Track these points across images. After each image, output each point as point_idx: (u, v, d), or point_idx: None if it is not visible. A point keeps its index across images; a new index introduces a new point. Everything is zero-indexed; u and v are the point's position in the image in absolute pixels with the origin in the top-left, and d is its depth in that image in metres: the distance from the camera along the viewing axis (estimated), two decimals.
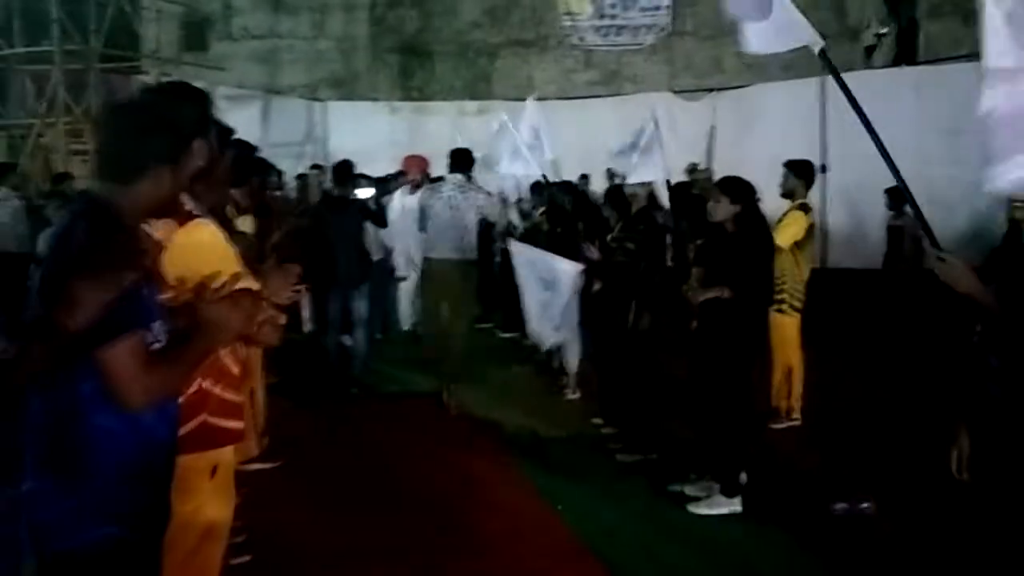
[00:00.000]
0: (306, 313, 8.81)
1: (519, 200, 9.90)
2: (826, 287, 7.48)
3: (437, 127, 13.99)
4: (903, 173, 3.12)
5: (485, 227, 8.48)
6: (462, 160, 7.52)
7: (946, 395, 2.98)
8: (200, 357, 2.16)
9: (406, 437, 6.39)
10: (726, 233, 4.91)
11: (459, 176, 7.42)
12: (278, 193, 8.62)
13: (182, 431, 2.37)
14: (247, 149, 5.42)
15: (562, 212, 7.89)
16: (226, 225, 3.55)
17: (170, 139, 2.13)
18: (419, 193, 8.46)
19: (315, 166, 11.61)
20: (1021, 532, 2.46)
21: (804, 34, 3.39)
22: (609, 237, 6.23)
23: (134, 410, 1.95)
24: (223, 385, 2.60)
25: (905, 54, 13.70)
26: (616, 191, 6.73)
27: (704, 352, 4.98)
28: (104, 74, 13.32)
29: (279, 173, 8.90)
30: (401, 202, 9.20)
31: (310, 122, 14.92)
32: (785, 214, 6.18)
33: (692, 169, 11.66)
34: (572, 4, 15.06)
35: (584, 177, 11.13)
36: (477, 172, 8.06)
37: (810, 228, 6.28)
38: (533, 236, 8.32)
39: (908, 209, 6.20)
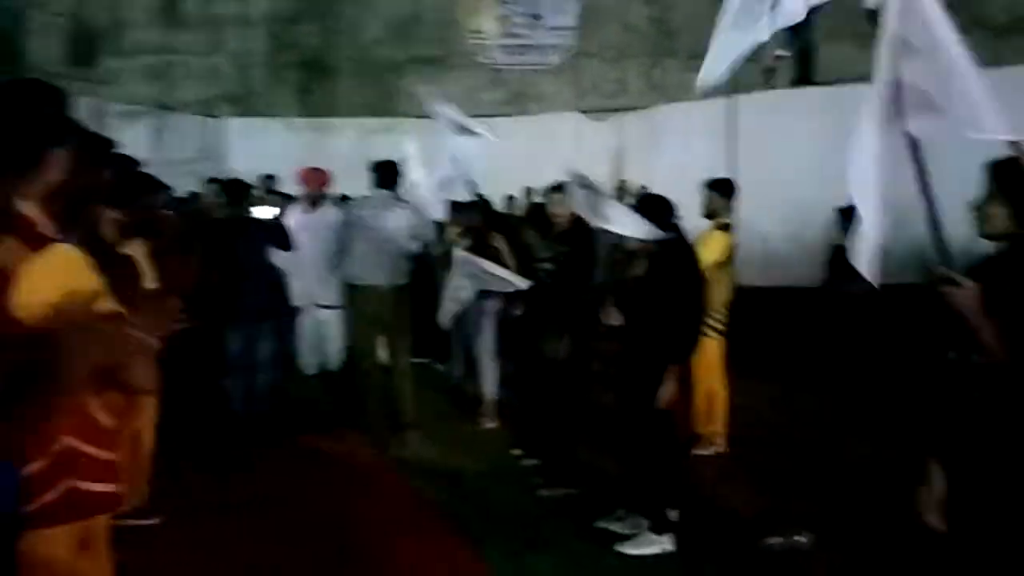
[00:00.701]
0: None
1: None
2: (739, 306, 7.36)
3: (339, 145, 13.66)
4: (805, 191, 3.06)
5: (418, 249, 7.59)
6: (388, 174, 6.76)
7: (914, 426, 2.78)
8: (44, 402, 1.80)
9: (314, 485, 5.84)
10: (649, 254, 4.71)
11: (385, 193, 6.69)
12: (169, 213, 7.46)
13: (42, 501, 2.01)
14: (129, 164, 5.00)
15: (478, 232, 7.56)
16: (103, 250, 3.17)
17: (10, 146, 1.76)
18: (321, 210, 8.07)
19: (212, 180, 10.51)
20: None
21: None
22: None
23: None
24: (94, 442, 2.17)
25: (803, 76, 13.95)
26: (537, 210, 6.51)
27: (627, 379, 4.77)
28: None
29: (168, 190, 8.30)
30: (297, 220, 7.95)
31: (205, 139, 14.38)
32: (704, 234, 6.06)
33: (621, 186, 11.30)
34: (478, 22, 14.89)
35: (510, 198, 10.84)
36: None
37: (732, 249, 6.18)
38: (446, 257, 7.90)
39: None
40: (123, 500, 2.34)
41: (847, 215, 8.26)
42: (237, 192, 7.12)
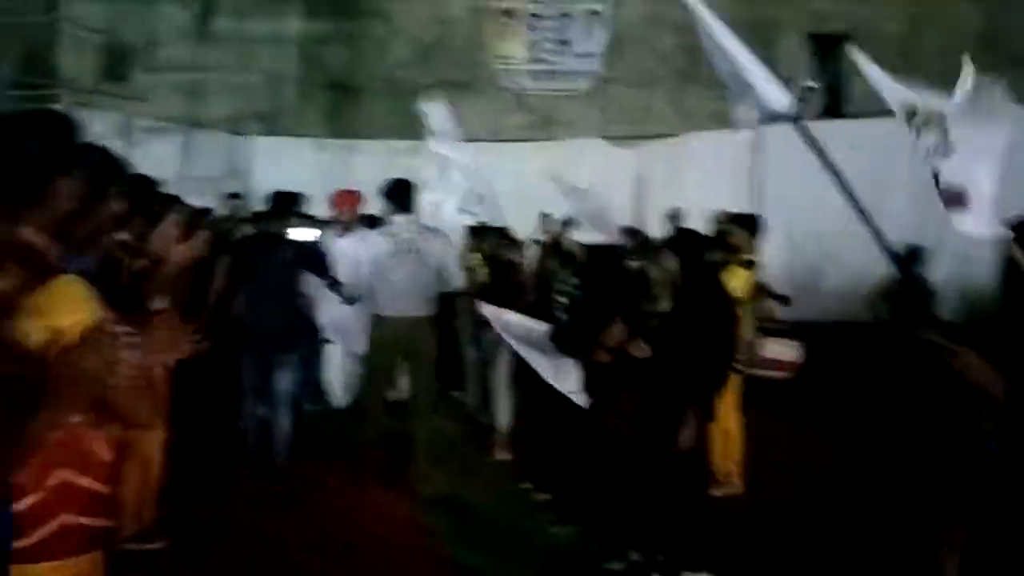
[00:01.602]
0: None
1: None
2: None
3: (366, 166, 13.69)
4: (833, 225, 2.98)
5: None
6: (406, 196, 6.23)
7: (940, 488, 2.71)
8: (39, 434, 1.78)
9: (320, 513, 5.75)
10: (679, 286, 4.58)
11: (411, 217, 6.23)
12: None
13: (35, 536, 1.99)
14: (146, 184, 4.95)
15: (505, 264, 7.34)
16: (115, 273, 3.17)
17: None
18: (355, 236, 7.34)
19: (233, 195, 10.18)
20: None
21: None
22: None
23: None
24: (91, 475, 2.13)
25: (833, 107, 13.88)
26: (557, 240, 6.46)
27: (649, 416, 4.65)
28: (15, 101, 12.72)
29: (187, 207, 8.18)
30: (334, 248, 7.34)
31: (233, 157, 14.49)
32: (727, 270, 5.97)
33: (674, 214, 10.23)
34: (505, 47, 14.93)
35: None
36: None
37: (755, 286, 6.07)
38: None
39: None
40: (119, 534, 2.31)
41: (905, 258, 8.11)
42: (284, 205, 6.65)
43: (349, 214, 7.98)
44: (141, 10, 15.91)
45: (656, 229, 9.36)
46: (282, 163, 13.80)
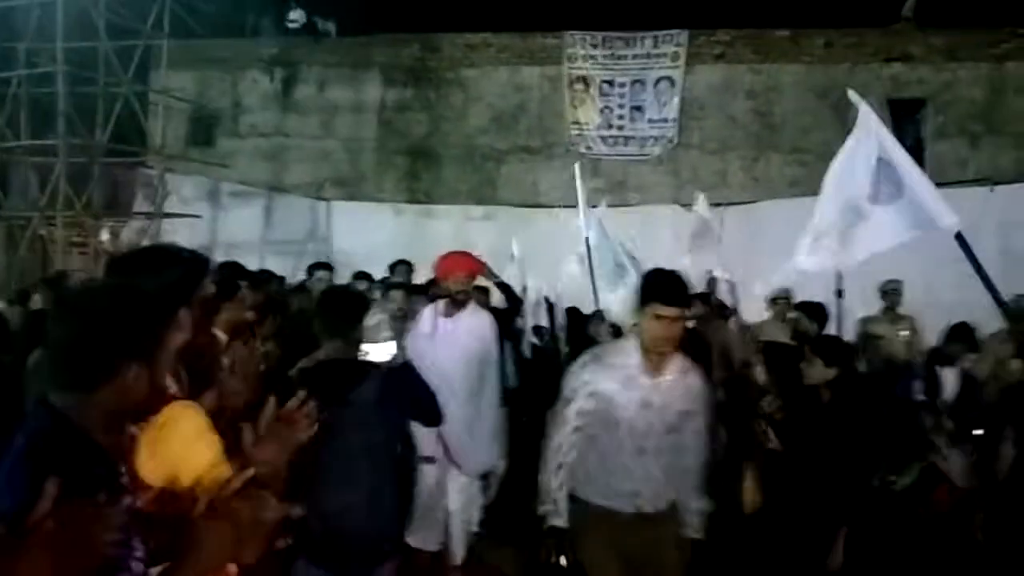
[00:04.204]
0: None
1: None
2: None
3: (441, 230, 13.90)
4: (912, 300, 3.00)
5: None
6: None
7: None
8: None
9: None
10: (818, 400, 4.29)
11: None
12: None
13: None
14: (235, 271, 4.92)
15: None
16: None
17: (139, 328, 1.77)
18: (468, 315, 5.19)
19: (320, 265, 8.19)
20: None
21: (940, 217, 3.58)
22: None
23: None
24: None
25: None
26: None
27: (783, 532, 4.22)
28: (108, 167, 13.28)
29: (280, 280, 7.99)
30: (439, 327, 5.15)
31: (314, 221, 14.85)
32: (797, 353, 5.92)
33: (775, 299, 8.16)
34: (580, 114, 15.14)
35: None
36: None
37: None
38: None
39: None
40: None
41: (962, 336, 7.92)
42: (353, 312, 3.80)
43: (463, 286, 5.25)
44: (227, 78, 16.54)
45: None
46: (360, 227, 14.10)
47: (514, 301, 6.53)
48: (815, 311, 6.23)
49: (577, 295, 8.33)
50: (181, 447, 2.03)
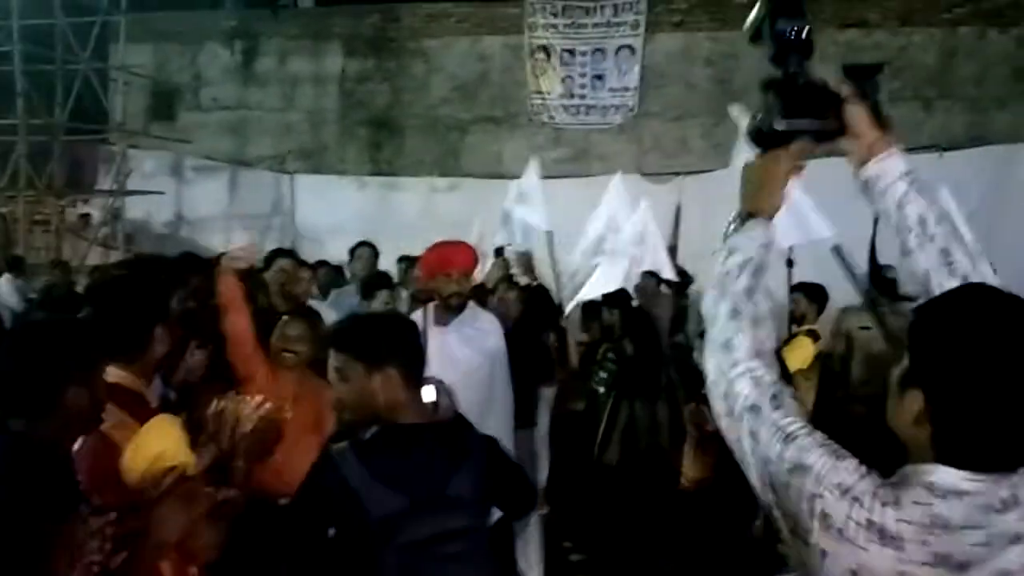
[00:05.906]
0: None
1: None
2: None
3: (407, 202, 13.97)
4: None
5: None
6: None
7: None
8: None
9: None
10: None
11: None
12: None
13: None
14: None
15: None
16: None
17: (75, 360, 1.99)
18: (469, 320, 4.31)
19: (281, 251, 5.94)
20: None
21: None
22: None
23: None
24: None
25: None
26: (617, 296, 6.03)
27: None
28: (69, 145, 13.22)
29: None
30: (430, 338, 4.18)
31: (278, 195, 14.87)
32: (792, 337, 6.04)
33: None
34: (542, 83, 15.20)
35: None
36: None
37: (817, 356, 6.08)
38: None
39: None
40: None
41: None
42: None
43: (460, 288, 4.27)
44: (187, 52, 16.40)
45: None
46: (324, 200, 14.13)
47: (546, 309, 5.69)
48: (814, 292, 6.26)
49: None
50: (156, 449, 2.21)
